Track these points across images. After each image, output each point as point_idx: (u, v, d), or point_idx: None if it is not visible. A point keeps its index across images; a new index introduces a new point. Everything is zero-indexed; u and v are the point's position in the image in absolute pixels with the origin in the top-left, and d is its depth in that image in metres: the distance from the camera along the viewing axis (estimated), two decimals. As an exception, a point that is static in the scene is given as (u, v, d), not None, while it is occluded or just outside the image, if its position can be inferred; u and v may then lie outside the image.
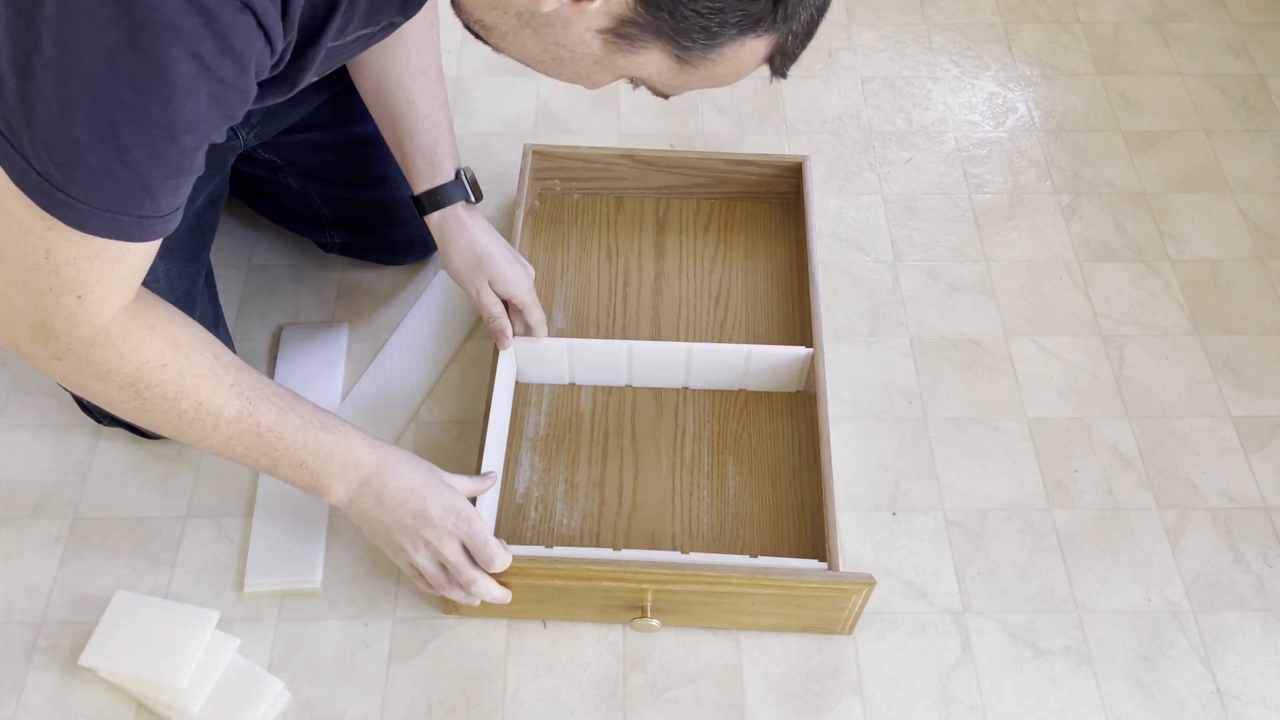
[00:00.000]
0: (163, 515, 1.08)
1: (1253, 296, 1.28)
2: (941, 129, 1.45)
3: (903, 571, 1.06)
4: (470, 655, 1.00)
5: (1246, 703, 0.99)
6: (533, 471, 1.10)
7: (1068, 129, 1.45)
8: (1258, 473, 1.14)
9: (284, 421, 0.85)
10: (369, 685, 0.99)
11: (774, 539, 1.06)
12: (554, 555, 0.95)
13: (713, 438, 1.13)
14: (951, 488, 1.12)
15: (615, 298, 1.24)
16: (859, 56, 1.54)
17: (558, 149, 1.27)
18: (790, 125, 1.45)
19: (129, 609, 0.98)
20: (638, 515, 1.07)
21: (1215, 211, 1.36)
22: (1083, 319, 1.26)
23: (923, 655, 1.01)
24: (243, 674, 0.97)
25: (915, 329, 1.24)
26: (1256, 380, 1.21)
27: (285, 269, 1.27)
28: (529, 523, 1.07)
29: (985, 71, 1.53)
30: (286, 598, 1.03)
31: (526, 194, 1.24)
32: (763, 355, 1.11)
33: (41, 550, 1.06)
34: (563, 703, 0.98)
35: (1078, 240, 1.33)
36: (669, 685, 0.99)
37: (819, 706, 0.98)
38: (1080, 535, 1.09)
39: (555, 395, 1.16)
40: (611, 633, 1.02)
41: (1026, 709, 0.99)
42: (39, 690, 0.97)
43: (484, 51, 1.61)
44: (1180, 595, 1.05)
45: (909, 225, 1.34)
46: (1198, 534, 1.09)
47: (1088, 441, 1.16)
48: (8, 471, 1.11)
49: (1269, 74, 1.52)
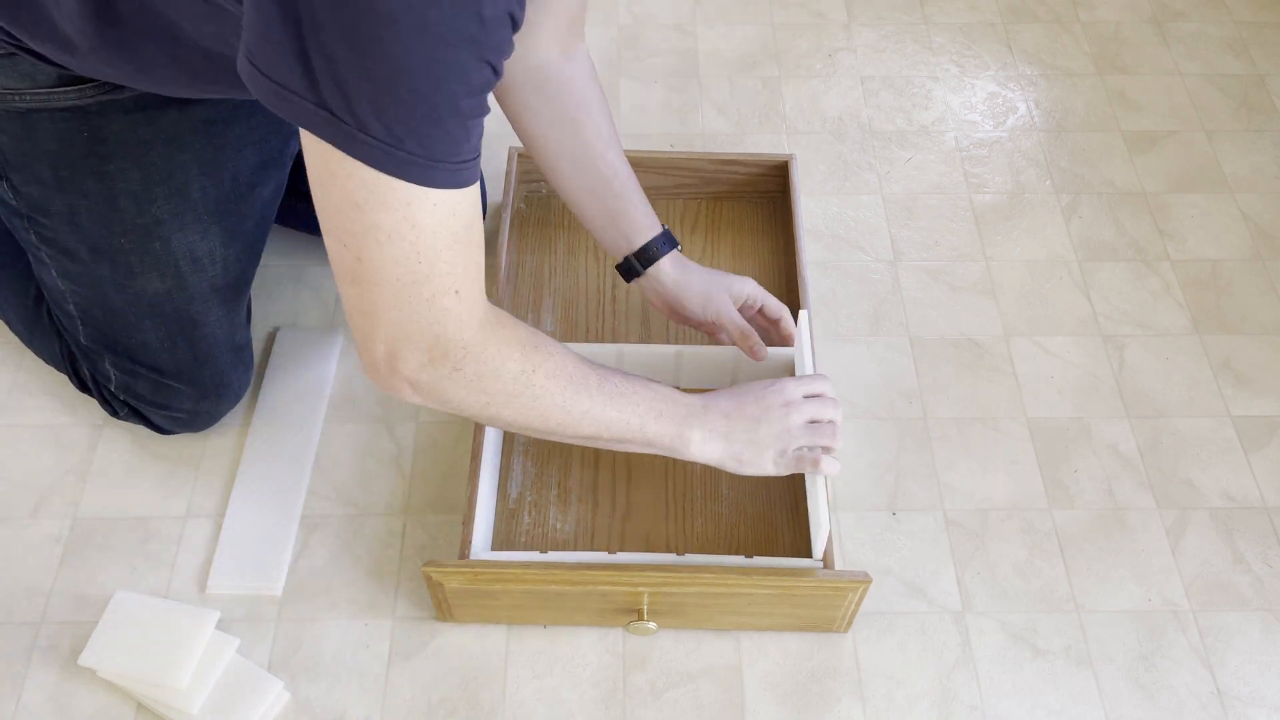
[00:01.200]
0: (163, 515, 1.08)
1: (1253, 296, 1.28)
2: (941, 129, 1.45)
3: (902, 571, 1.06)
4: (470, 655, 1.00)
5: (1246, 703, 0.99)
6: (525, 476, 1.10)
7: (1068, 129, 1.45)
8: (1258, 473, 1.14)
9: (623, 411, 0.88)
10: (369, 685, 0.99)
11: (768, 539, 1.06)
12: (549, 560, 0.95)
13: (709, 438, 1.12)
14: (951, 488, 1.12)
15: (604, 299, 1.23)
16: (859, 56, 1.54)
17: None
18: (790, 125, 1.45)
19: (128, 609, 0.98)
20: (632, 518, 1.07)
21: (1215, 211, 1.36)
22: (1083, 319, 1.26)
23: (922, 655, 1.01)
24: (242, 674, 0.97)
25: (915, 329, 1.24)
26: (1256, 380, 1.21)
27: (286, 269, 1.27)
28: (522, 528, 1.06)
29: (985, 71, 1.53)
30: (287, 595, 1.03)
31: (513, 197, 1.24)
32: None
33: (41, 550, 1.06)
34: (563, 703, 0.98)
35: (1078, 240, 1.33)
36: (669, 685, 0.99)
37: (819, 706, 0.98)
38: (1080, 535, 1.09)
39: (548, 398, 1.16)
40: (611, 633, 1.02)
41: (1026, 709, 0.98)
42: (39, 690, 0.97)
43: (484, 51, 1.60)
44: (1180, 595, 1.05)
45: (909, 225, 1.34)
46: (1198, 534, 1.09)
47: (1088, 441, 1.16)
48: (8, 471, 1.11)
49: (1269, 74, 1.52)
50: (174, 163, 0.98)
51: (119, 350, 1.06)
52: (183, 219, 0.99)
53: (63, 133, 0.94)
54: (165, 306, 1.02)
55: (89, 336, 1.06)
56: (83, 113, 0.93)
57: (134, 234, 0.98)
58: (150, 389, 1.07)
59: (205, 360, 1.06)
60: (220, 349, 1.07)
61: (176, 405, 1.08)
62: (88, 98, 0.92)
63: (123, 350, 1.05)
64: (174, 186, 0.98)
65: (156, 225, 0.99)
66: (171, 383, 1.06)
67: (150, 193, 0.97)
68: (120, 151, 0.95)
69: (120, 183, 0.96)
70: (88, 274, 1.01)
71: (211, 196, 1.00)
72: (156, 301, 1.02)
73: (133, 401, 1.09)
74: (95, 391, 1.11)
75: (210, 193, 1.00)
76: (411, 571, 1.05)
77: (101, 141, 0.94)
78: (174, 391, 1.07)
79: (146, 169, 0.96)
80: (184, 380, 1.07)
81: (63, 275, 1.02)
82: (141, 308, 1.02)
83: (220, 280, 1.04)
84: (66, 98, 0.92)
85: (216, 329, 1.06)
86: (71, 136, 0.94)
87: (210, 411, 1.10)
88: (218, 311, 1.05)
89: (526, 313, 1.22)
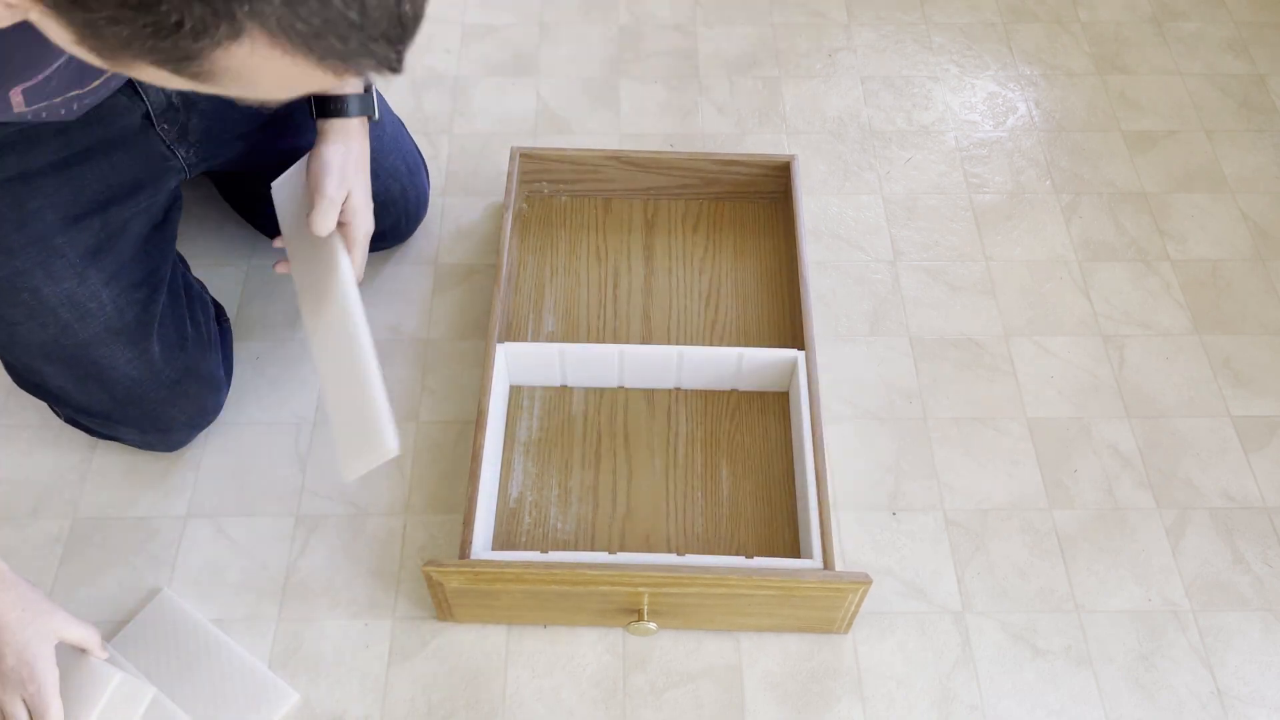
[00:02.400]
0: (163, 515, 1.08)
1: (1253, 296, 1.28)
2: (941, 129, 1.45)
3: (902, 571, 1.06)
4: (470, 655, 1.00)
5: (1246, 703, 0.99)
6: (525, 476, 1.10)
7: (1068, 129, 1.45)
8: (1258, 473, 1.14)
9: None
10: (369, 685, 0.99)
11: (769, 539, 1.06)
12: (549, 560, 0.95)
13: (706, 439, 1.13)
14: (951, 488, 1.12)
15: (605, 299, 1.24)
16: (859, 56, 1.54)
17: (545, 151, 1.27)
18: (790, 125, 1.45)
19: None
20: (632, 518, 1.07)
21: (1215, 211, 1.36)
22: (1083, 319, 1.26)
23: (922, 655, 1.01)
24: (245, 673, 0.97)
25: (915, 329, 1.24)
26: (1256, 380, 1.21)
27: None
28: (523, 528, 1.07)
29: (985, 71, 1.53)
30: (287, 596, 1.03)
31: (514, 197, 1.24)
32: (754, 357, 1.11)
33: (41, 550, 1.06)
34: (563, 703, 0.98)
35: (1078, 240, 1.33)
36: (669, 685, 0.99)
37: (819, 707, 0.98)
38: (1080, 535, 1.09)
39: (547, 398, 1.16)
40: (611, 633, 1.02)
41: (1026, 709, 0.99)
42: (39, 690, 0.97)
43: (484, 51, 1.61)
44: (1180, 595, 1.05)
45: (909, 225, 1.34)
46: (1198, 534, 1.09)
47: (1088, 441, 1.16)
48: (8, 471, 1.11)
49: (1269, 74, 1.52)
50: (24, 211, 0.92)
51: (45, 394, 1.05)
52: (49, 267, 0.94)
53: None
54: (59, 353, 0.98)
55: (15, 380, 1.05)
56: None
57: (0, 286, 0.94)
58: (97, 424, 1.07)
59: (130, 402, 1.03)
60: (144, 388, 1.02)
61: (127, 439, 1.08)
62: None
63: (47, 394, 1.04)
64: (31, 235, 0.93)
65: (19, 276, 0.93)
66: (109, 422, 1.05)
67: (5, 243, 0.92)
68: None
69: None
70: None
71: (80, 242, 0.95)
72: (47, 350, 0.98)
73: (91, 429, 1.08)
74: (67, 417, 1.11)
75: (76, 239, 0.95)
76: (411, 571, 1.05)
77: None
78: (118, 428, 1.06)
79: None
80: (118, 420, 1.05)
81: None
82: (36, 356, 0.98)
83: (116, 323, 0.98)
84: None
85: (130, 370, 1.01)
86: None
87: (164, 441, 1.09)
88: (126, 354, 1.00)
89: (528, 313, 1.22)
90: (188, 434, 1.10)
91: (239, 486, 1.10)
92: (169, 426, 1.07)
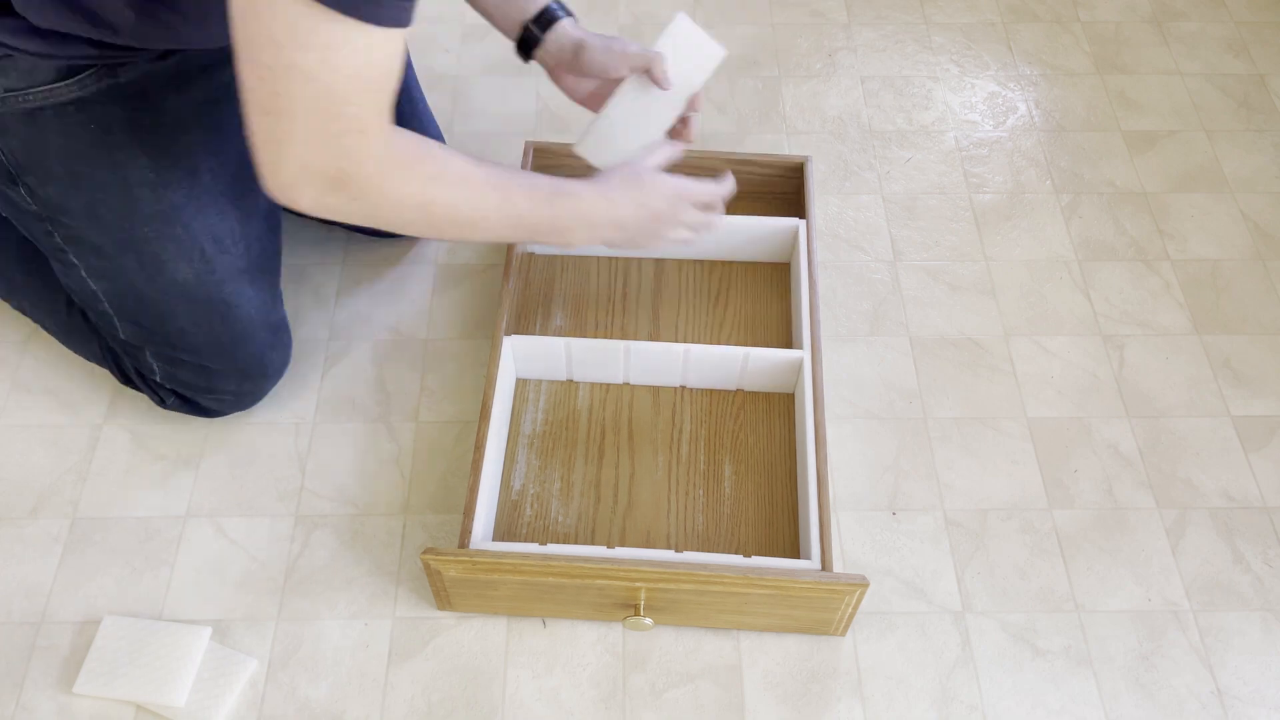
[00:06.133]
0: (163, 515, 1.09)
1: (1253, 296, 1.28)
2: (941, 129, 1.45)
3: (902, 571, 1.06)
4: (470, 655, 1.00)
5: (1246, 703, 0.99)
6: (529, 469, 1.10)
7: (1068, 129, 1.45)
8: (1258, 473, 1.14)
9: (533, 202, 0.94)
10: (369, 685, 0.99)
11: (769, 539, 1.06)
12: (548, 552, 0.95)
13: (709, 437, 1.13)
14: (951, 488, 1.12)
15: (614, 296, 1.24)
16: (859, 56, 1.54)
17: (559, 147, 1.27)
18: (790, 125, 1.45)
19: (119, 632, 0.99)
20: (633, 514, 1.07)
21: (1215, 211, 1.36)
22: (1083, 319, 1.26)
23: (922, 655, 1.01)
24: (234, 668, 0.97)
25: (915, 329, 1.24)
26: (1256, 380, 1.21)
27: (286, 269, 1.27)
28: (524, 520, 1.07)
29: (985, 71, 1.53)
30: (287, 595, 1.03)
31: None
32: (760, 357, 1.11)
33: (41, 550, 1.06)
34: (563, 703, 0.98)
35: (1078, 240, 1.33)
36: (669, 685, 0.99)
37: (819, 706, 0.98)
38: (1080, 535, 1.09)
39: (552, 392, 1.16)
40: (611, 633, 1.02)
41: (1026, 709, 0.99)
42: (39, 690, 0.97)
43: (484, 51, 1.61)
44: (1180, 595, 1.05)
45: (909, 225, 1.34)
46: (1198, 534, 1.09)
47: (1088, 441, 1.16)
48: (8, 471, 1.11)
49: (1269, 74, 1.52)
50: (179, 146, 0.99)
51: (158, 340, 1.07)
52: (199, 202, 1.01)
53: (69, 127, 0.94)
54: (197, 293, 1.03)
55: (127, 332, 1.07)
56: (85, 104, 0.93)
57: (156, 222, 0.99)
58: (194, 374, 1.09)
59: (242, 342, 1.08)
60: (256, 329, 1.08)
61: (221, 388, 1.10)
62: (88, 88, 0.93)
63: (162, 340, 1.07)
64: (184, 170, 0.99)
65: (175, 211, 1.00)
66: (213, 366, 1.08)
67: (163, 178, 0.98)
68: (126, 140, 0.96)
69: (132, 171, 0.97)
70: (116, 269, 1.02)
71: (221, 177, 1.02)
72: (188, 288, 1.03)
73: (179, 389, 1.11)
74: (141, 384, 1.13)
75: (219, 173, 1.02)
76: (411, 571, 1.05)
77: (107, 131, 0.95)
78: (217, 374, 1.09)
79: (154, 155, 0.97)
80: (224, 363, 1.08)
81: (91, 274, 1.03)
82: (174, 296, 1.03)
83: (245, 261, 1.06)
84: (68, 91, 0.92)
85: (250, 309, 1.07)
86: (78, 130, 0.94)
87: (253, 391, 1.13)
88: (249, 292, 1.07)
89: (536, 308, 1.22)
90: (272, 384, 1.14)
91: (239, 486, 1.11)
92: (265, 372, 1.12)
